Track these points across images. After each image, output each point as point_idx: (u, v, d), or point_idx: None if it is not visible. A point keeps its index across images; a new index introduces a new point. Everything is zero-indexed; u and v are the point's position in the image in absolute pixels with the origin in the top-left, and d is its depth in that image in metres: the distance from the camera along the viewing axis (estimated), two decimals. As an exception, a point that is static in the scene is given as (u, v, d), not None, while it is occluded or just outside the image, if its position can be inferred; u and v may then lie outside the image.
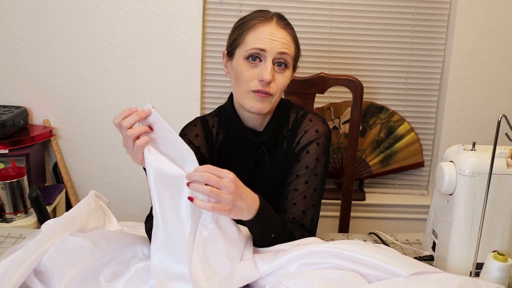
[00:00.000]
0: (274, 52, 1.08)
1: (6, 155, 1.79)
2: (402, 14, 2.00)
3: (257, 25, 1.10)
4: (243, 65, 1.10)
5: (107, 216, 1.15)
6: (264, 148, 1.19)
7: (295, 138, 1.19)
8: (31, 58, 1.96)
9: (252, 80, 1.09)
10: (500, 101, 2.04)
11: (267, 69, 1.07)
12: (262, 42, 1.08)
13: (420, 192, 2.21)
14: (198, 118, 1.25)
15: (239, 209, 0.93)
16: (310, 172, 1.14)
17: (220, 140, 1.22)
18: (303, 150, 1.16)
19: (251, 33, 1.10)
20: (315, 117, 1.20)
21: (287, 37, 1.11)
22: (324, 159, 1.17)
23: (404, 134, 2.10)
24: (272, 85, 1.09)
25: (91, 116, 2.03)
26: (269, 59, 1.08)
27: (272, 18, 1.12)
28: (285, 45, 1.09)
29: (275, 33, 1.09)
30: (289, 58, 1.10)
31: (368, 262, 0.89)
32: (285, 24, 1.12)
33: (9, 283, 0.85)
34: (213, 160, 1.22)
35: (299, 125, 1.19)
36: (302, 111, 1.22)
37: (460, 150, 1.02)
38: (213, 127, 1.23)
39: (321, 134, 1.17)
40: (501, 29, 1.96)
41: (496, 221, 1.00)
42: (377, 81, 2.07)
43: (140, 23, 1.94)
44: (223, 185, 0.89)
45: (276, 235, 1.01)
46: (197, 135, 1.20)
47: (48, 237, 0.94)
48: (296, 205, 1.11)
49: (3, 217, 1.65)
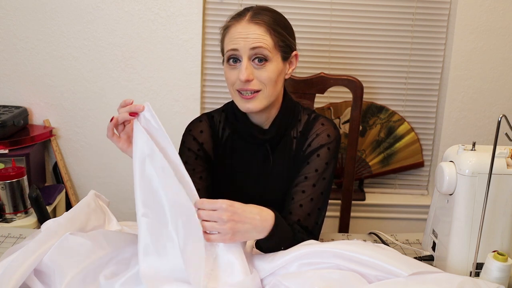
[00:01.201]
0: (247, 49, 1.08)
1: (6, 155, 1.79)
2: (402, 14, 2.00)
3: (230, 27, 1.12)
4: (226, 68, 1.13)
5: (107, 216, 1.14)
6: (268, 146, 1.19)
7: (306, 140, 1.19)
8: (31, 58, 1.96)
9: (235, 81, 1.11)
10: (500, 101, 2.04)
11: (241, 69, 1.08)
12: (234, 43, 1.09)
13: (420, 192, 2.21)
14: (204, 114, 1.26)
15: (243, 233, 0.93)
16: (318, 176, 1.14)
17: (226, 136, 1.23)
18: (313, 153, 1.16)
19: (226, 36, 1.12)
20: (327, 121, 1.20)
21: (259, 30, 1.09)
22: (333, 164, 1.18)
23: (404, 134, 2.10)
24: (254, 82, 1.09)
25: (91, 116, 2.03)
26: (244, 58, 1.08)
27: (244, 15, 1.11)
28: (256, 40, 1.07)
29: (246, 30, 1.09)
30: (266, 51, 1.08)
31: (368, 262, 0.90)
32: (258, 17, 1.10)
33: (9, 283, 0.85)
34: (217, 156, 1.22)
35: (311, 128, 1.19)
36: (313, 114, 1.22)
37: (460, 150, 1.02)
38: (219, 123, 1.23)
39: (333, 139, 1.18)
40: (501, 29, 1.96)
41: (496, 221, 1.00)
42: (377, 81, 2.07)
43: (140, 23, 1.93)
44: (216, 217, 0.91)
45: (286, 246, 1.02)
46: (202, 131, 1.21)
47: (48, 237, 0.94)
48: (303, 207, 1.11)
49: (3, 217, 1.65)
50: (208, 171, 1.20)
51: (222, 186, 1.22)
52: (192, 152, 1.19)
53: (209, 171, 1.21)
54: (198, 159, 1.19)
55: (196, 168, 1.18)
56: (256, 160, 1.20)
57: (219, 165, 1.22)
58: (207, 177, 1.20)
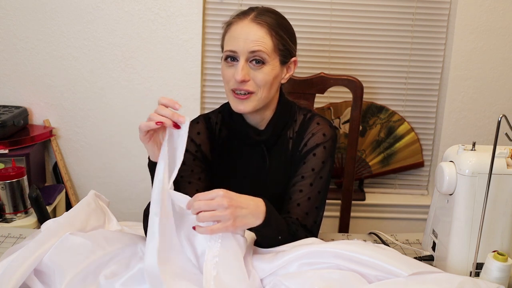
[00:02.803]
0: (245, 52, 1.08)
1: (6, 155, 1.79)
2: (402, 14, 2.00)
3: (232, 25, 1.11)
4: (223, 65, 1.13)
5: (107, 216, 1.14)
6: (264, 147, 1.19)
7: (302, 140, 1.19)
8: (31, 58, 1.96)
9: (230, 80, 1.11)
10: (500, 101, 2.04)
11: (237, 70, 1.08)
12: (233, 43, 1.09)
13: (420, 192, 2.21)
14: (201, 115, 1.25)
15: (243, 218, 0.92)
16: (315, 175, 1.14)
17: (222, 136, 1.23)
18: (309, 152, 1.16)
19: (227, 34, 1.12)
20: (323, 121, 1.20)
21: (260, 32, 1.08)
22: (329, 163, 1.17)
23: (404, 134, 2.10)
24: (249, 84, 1.09)
25: (91, 116, 2.03)
26: (242, 59, 1.08)
27: (248, 14, 1.11)
28: (256, 42, 1.07)
29: (247, 30, 1.08)
30: (264, 54, 1.08)
31: (368, 262, 0.90)
32: (261, 17, 1.10)
33: (10, 283, 0.85)
34: (214, 157, 1.22)
35: (307, 127, 1.19)
36: (309, 114, 1.22)
37: (460, 150, 1.02)
38: (216, 124, 1.24)
39: (328, 138, 1.18)
40: (501, 29, 1.96)
41: (496, 221, 1.00)
42: (377, 81, 2.07)
43: (140, 23, 1.93)
44: (215, 205, 0.90)
45: (283, 236, 1.02)
46: (199, 133, 1.21)
47: (48, 237, 0.94)
48: (300, 206, 1.11)
49: (3, 217, 1.65)
50: (206, 172, 1.21)
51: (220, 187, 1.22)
52: (190, 153, 1.19)
53: (207, 172, 1.21)
54: (196, 160, 1.19)
55: (194, 169, 1.18)
56: (252, 160, 1.21)
57: (216, 166, 1.23)
58: (206, 178, 1.20)
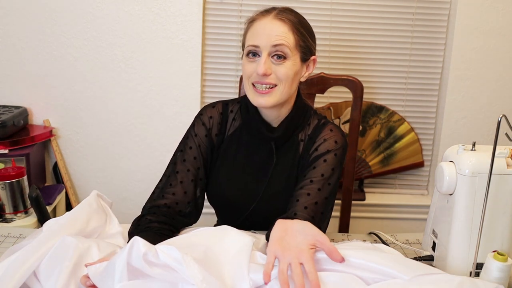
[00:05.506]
0: (268, 46, 1.10)
1: (6, 155, 1.79)
2: (402, 14, 2.00)
3: (255, 21, 1.14)
4: (245, 61, 1.15)
5: (108, 216, 1.14)
6: (274, 144, 1.20)
7: (313, 144, 1.19)
8: (31, 58, 1.96)
9: (252, 74, 1.13)
10: (500, 101, 2.04)
11: (260, 63, 1.10)
12: (257, 38, 1.11)
13: (420, 192, 2.21)
14: (220, 101, 1.28)
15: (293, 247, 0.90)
16: (324, 180, 1.15)
17: (235, 126, 1.24)
18: (320, 157, 1.17)
19: (250, 31, 1.15)
20: (336, 128, 1.21)
21: (283, 27, 1.11)
22: (338, 171, 1.18)
23: (404, 134, 2.10)
24: (271, 77, 1.11)
25: (91, 116, 2.03)
26: (264, 54, 1.10)
27: (270, 12, 1.14)
28: (279, 37, 1.10)
29: (270, 26, 1.11)
30: (287, 49, 1.10)
31: (367, 266, 0.89)
32: (284, 15, 1.13)
33: (10, 283, 0.85)
34: (221, 143, 1.24)
35: (319, 132, 1.20)
36: (323, 120, 1.24)
37: (460, 150, 1.02)
38: (231, 112, 1.25)
39: (340, 146, 1.18)
40: (501, 29, 1.96)
41: (496, 221, 1.00)
42: (377, 81, 2.07)
43: (140, 23, 1.93)
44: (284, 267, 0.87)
45: None
46: (211, 117, 1.24)
47: (49, 237, 0.94)
48: (307, 209, 1.11)
49: (3, 217, 1.65)
50: (205, 164, 1.22)
51: (221, 176, 1.22)
52: (198, 138, 1.21)
53: (207, 164, 1.22)
54: (201, 147, 1.21)
55: (197, 157, 1.20)
56: (259, 155, 1.21)
57: (221, 154, 1.24)
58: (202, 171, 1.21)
